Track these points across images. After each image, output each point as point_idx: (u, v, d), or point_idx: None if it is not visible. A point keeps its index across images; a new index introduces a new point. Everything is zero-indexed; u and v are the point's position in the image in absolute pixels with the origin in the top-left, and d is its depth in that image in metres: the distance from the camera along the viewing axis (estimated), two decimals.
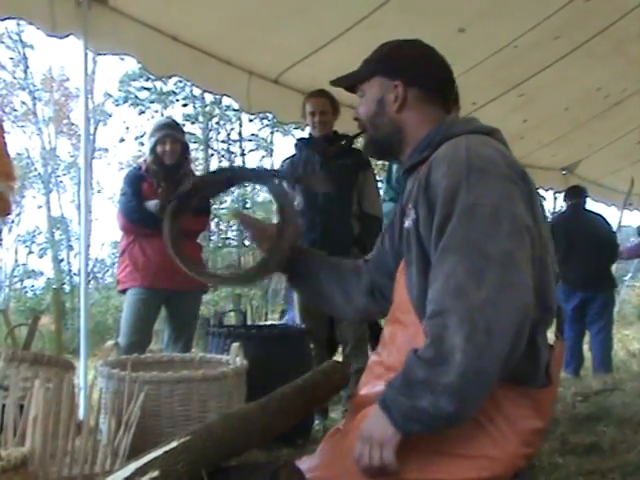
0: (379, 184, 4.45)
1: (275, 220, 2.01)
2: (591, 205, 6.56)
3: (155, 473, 1.25)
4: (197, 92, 20.50)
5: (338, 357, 4.31)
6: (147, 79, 20.44)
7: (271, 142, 23.15)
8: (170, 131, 4.06)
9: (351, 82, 1.83)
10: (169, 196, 4.00)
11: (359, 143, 3.08)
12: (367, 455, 1.42)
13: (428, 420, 1.36)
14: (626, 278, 11.91)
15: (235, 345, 2.64)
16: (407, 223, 1.62)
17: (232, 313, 9.41)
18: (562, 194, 6.71)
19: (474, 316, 1.34)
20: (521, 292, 1.37)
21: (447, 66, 1.78)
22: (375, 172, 4.52)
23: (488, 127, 1.66)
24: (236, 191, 21.29)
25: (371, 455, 1.41)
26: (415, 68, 1.74)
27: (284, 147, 26.47)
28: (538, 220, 1.51)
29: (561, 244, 5.53)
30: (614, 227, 6.81)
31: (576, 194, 6.14)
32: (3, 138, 3.36)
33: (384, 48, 1.80)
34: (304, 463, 1.60)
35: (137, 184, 4.06)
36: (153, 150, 4.05)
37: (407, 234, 1.61)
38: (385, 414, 1.40)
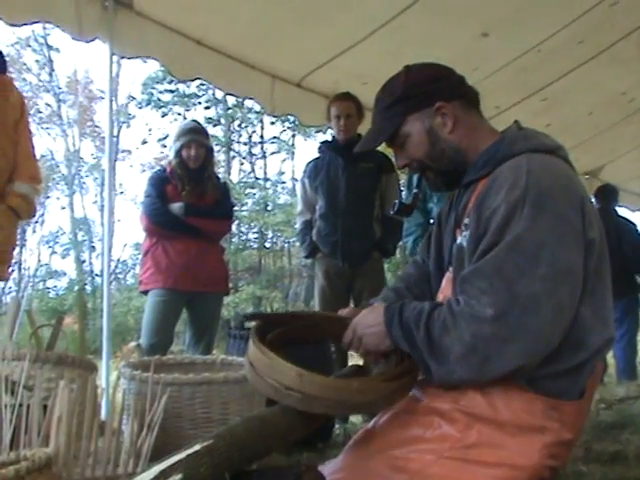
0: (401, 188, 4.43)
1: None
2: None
3: (178, 476, 1.25)
4: (219, 95, 20.62)
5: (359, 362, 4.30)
6: (170, 82, 20.55)
7: (292, 145, 23.18)
8: (196, 136, 4.08)
9: (386, 135, 1.71)
10: (192, 198, 4.04)
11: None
12: (350, 335, 1.64)
13: (414, 351, 1.49)
14: None
15: None
16: (460, 239, 1.62)
17: None
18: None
19: (478, 345, 1.39)
20: (532, 339, 1.38)
21: (452, 69, 1.76)
22: (398, 176, 4.51)
23: (551, 145, 1.60)
24: (257, 193, 21.39)
25: (354, 338, 1.63)
26: (442, 82, 1.70)
27: (305, 150, 26.56)
28: (594, 250, 1.50)
29: None
30: None
31: (605, 197, 6.05)
32: (30, 141, 3.41)
33: (396, 86, 1.71)
34: (327, 466, 1.61)
35: (161, 186, 4.09)
36: (178, 154, 4.07)
37: (459, 250, 1.61)
38: (385, 321, 1.56)
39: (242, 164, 23.23)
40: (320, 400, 1.44)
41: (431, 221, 4.26)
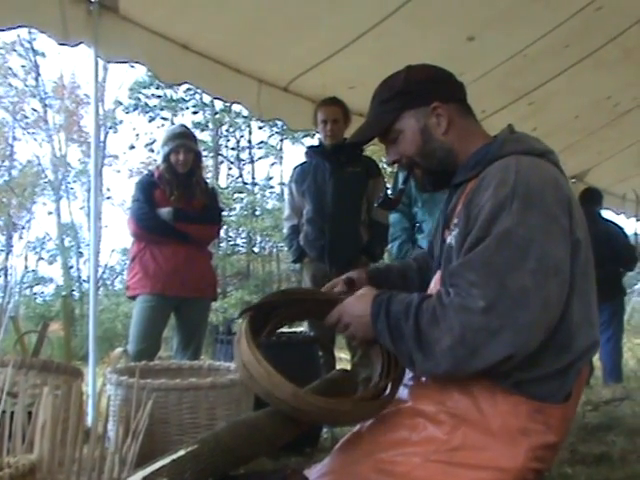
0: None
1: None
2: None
3: None
4: (207, 99, 20.62)
5: (347, 365, 4.30)
6: (157, 87, 20.53)
7: (280, 149, 23.21)
8: (184, 140, 4.08)
9: (381, 129, 1.73)
10: (180, 203, 4.03)
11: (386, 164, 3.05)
12: (335, 319, 1.64)
13: (400, 344, 1.49)
14: (637, 287, 11.84)
15: None
16: (449, 239, 1.62)
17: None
18: None
19: (467, 335, 1.39)
20: (520, 331, 1.38)
21: (452, 73, 1.77)
22: (385, 180, 4.52)
23: (540, 148, 1.60)
24: (245, 198, 21.37)
25: (340, 323, 1.63)
26: (441, 84, 1.71)
27: (293, 154, 26.60)
28: (580, 251, 1.50)
29: None
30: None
31: (589, 200, 6.02)
32: None
33: (395, 81, 1.73)
34: (313, 470, 1.60)
35: (149, 191, 4.08)
36: (166, 158, 4.07)
37: (448, 250, 1.61)
38: (371, 312, 1.55)
39: (230, 169, 23.25)
40: (311, 414, 1.47)
41: (417, 225, 4.28)
